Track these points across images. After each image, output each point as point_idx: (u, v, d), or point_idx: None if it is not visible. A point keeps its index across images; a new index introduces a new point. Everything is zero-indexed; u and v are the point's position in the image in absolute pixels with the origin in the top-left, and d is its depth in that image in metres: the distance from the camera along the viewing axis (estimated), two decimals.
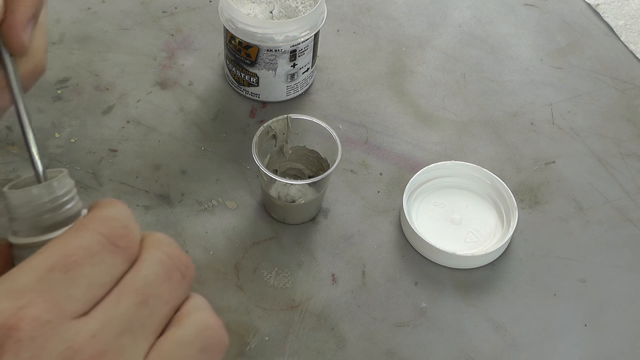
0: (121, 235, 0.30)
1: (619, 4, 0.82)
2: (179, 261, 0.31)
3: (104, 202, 0.32)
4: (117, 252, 0.30)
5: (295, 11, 0.65)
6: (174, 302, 0.30)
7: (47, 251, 0.29)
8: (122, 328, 0.28)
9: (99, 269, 0.29)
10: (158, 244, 0.31)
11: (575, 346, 0.55)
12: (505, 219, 0.61)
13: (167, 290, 0.29)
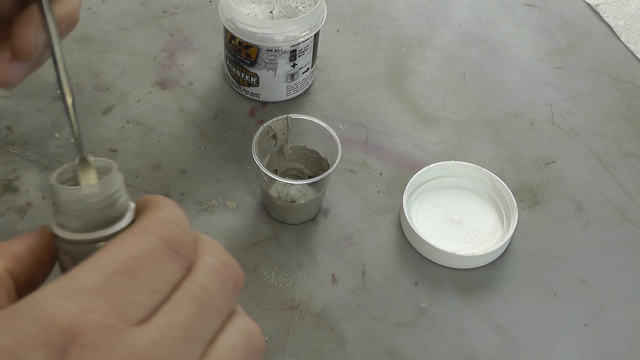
0: (180, 241, 0.30)
1: (619, 4, 0.82)
2: (232, 270, 0.31)
3: (158, 202, 0.32)
4: (176, 258, 0.30)
5: (295, 11, 0.65)
6: (227, 312, 0.30)
7: (110, 253, 0.28)
8: (181, 336, 0.28)
9: (160, 275, 0.29)
10: (212, 250, 0.31)
11: (575, 346, 0.55)
12: (505, 219, 0.61)
13: (222, 299, 0.30)
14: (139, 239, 0.29)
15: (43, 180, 0.61)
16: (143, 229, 0.29)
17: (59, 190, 0.32)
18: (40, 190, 0.60)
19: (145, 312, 0.28)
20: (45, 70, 0.72)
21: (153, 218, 0.30)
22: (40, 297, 0.26)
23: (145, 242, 0.29)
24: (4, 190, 0.60)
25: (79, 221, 0.32)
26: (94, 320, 0.26)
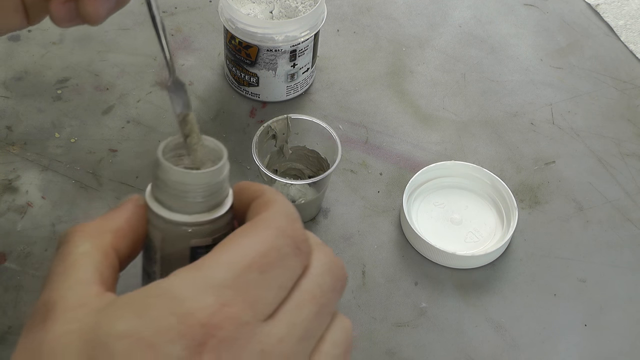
0: (303, 240, 0.30)
1: (619, 4, 0.82)
2: (341, 271, 0.31)
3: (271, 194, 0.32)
4: (300, 256, 0.30)
5: (295, 11, 0.65)
6: (334, 311, 0.31)
7: (242, 247, 0.28)
8: (302, 335, 0.28)
9: (286, 272, 0.29)
10: (323, 249, 0.31)
11: (575, 346, 0.55)
12: (505, 219, 0.61)
13: (333, 299, 0.30)
14: (268, 235, 0.29)
15: (43, 180, 0.61)
16: (270, 225, 0.29)
17: (167, 169, 0.31)
18: (40, 190, 0.60)
19: (272, 308, 0.28)
20: (46, 70, 0.72)
21: (276, 213, 0.30)
22: (175, 287, 0.26)
23: (274, 238, 0.29)
24: (4, 190, 0.60)
25: (180, 202, 0.31)
26: (232, 315, 0.26)
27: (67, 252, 0.29)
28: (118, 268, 0.31)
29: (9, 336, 0.52)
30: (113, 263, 0.30)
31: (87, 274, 0.29)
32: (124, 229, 0.31)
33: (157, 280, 0.27)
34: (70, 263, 0.29)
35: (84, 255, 0.29)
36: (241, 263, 0.28)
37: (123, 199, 0.33)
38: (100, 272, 0.29)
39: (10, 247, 0.56)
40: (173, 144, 0.34)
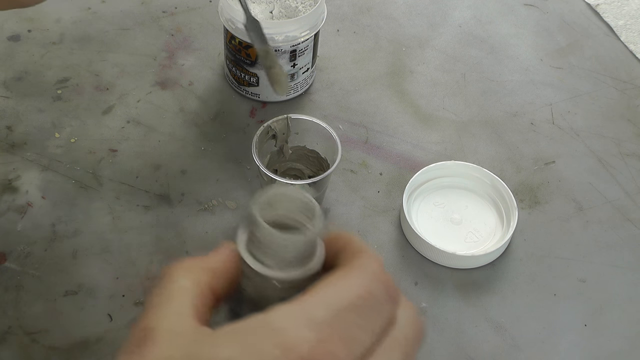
0: (394, 287, 0.32)
1: (619, 4, 0.82)
2: (422, 325, 0.33)
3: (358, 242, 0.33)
4: (391, 303, 0.31)
5: (295, 11, 0.65)
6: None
7: (340, 289, 0.30)
8: None
9: (379, 317, 0.31)
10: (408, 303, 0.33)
11: (575, 346, 0.55)
12: (505, 219, 0.61)
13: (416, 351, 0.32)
14: (365, 280, 0.30)
15: (43, 180, 0.61)
16: (366, 270, 0.31)
17: (265, 231, 0.32)
18: (40, 190, 0.60)
19: (364, 350, 0.29)
20: (46, 70, 0.72)
21: (370, 259, 0.32)
22: (276, 320, 0.28)
23: (370, 282, 0.30)
24: (4, 190, 0.60)
25: (274, 260, 0.33)
26: (330, 351, 0.27)
27: (166, 285, 0.31)
28: (212, 305, 0.33)
29: (9, 336, 0.52)
30: (208, 300, 0.32)
31: (183, 307, 0.31)
32: (220, 270, 0.33)
33: (256, 314, 0.29)
34: (168, 295, 0.31)
35: (182, 290, 0.31)
36: (340, 303, 0.29)
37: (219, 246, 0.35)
38: (196, 306, 0.31)
39: (10, 247, 0.56)
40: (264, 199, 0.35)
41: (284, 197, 0.35)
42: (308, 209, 0.35)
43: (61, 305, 0.54)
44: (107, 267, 0.56)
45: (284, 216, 0.36)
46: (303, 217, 0.35)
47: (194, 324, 0.30)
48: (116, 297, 0.54)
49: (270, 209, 0.35)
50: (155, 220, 0.59)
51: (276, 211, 0.36)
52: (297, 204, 0.35)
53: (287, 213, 0.36)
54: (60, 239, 0.57)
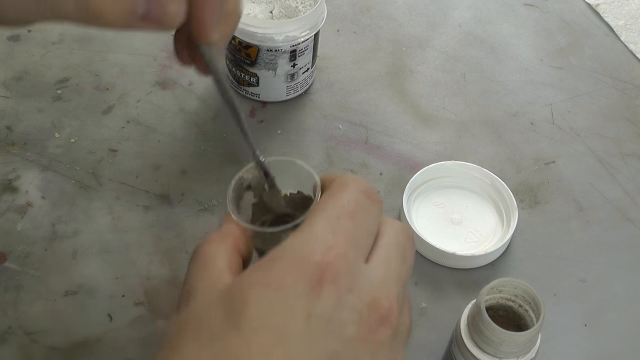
0: (373, 191, 0.36)
1: (619, 3, 0.82)
2: (410, 232, 0.38)
3: (340, 175, 0.37)
4: (375, 204, 0.35)
5: (295, 11, 0.65)
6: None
7: (328, 204, 0.34)
8: (397, 278, 0.34)
9: (370, 217, 0.35)
10: (392, 220, 0.37)
11: (575, 346, 0.55)
12: (505, 219, 0.61)
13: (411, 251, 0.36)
14: (345, 192, 0.35)
15: (43, 180, 0.61)
16: (344, 186, 0.35)
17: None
18: (40, 190, 0.60)
19: (367, 250, 0.34)
20: (46, 70, 0.72)
21: (345, 178, 0.36)
22: (289, 244, 0.32)
23: (350, 193, 0.35)
24: (4, 190, 0.60)
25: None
26: (340, 253, 0.32)
27: (199, 258, 0.35)
28: (241, 265, 0.36)
29: (9, 336, 0.52)
30: (237, 259, 0.36)
31: (218, 267, 0.34)
32: (237, 233, 0.37)
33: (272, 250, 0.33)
34: (204, 262, 0.35)
35: (213, 255, 0.35)
36: (333, 214, 0.33)
37: (221, 219, 0.41)
38: (229, 265, 0.35)
39: (10, 247, 0.56)
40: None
41: None
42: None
43: (61, 305, 0.54)
44: (107, 267, 0.56)
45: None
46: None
47: (230, 277, 0.34)
48: (116, 297, 0.54)
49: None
50: (155, 220, 0.59)
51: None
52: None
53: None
54: (60, 239, 0.57)
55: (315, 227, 0.32)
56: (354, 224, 0.33)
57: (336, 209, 0.34)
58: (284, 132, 0.67)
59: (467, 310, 0.47)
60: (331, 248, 0.31)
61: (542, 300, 0.44)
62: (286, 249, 0.32)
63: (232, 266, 0.35)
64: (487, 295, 0.44)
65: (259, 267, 0.32)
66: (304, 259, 0.31)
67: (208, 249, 0.36)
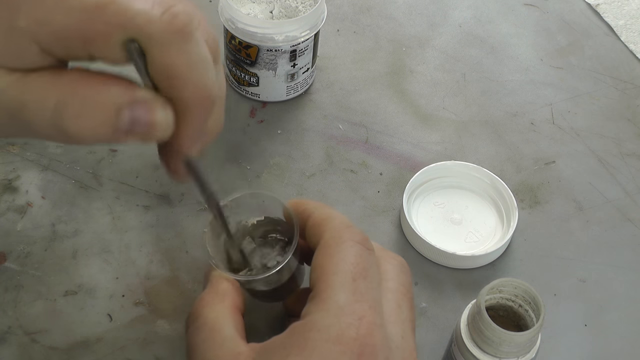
0: (367, 239, 0.36)
1: (619, 3, 0.82)
2: (408, 268, 0.40)
3: (323, 213, 0.38)
4: (372, 253, 0.36)
5: (295, 11, 0.65)
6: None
7: (337, 268, 0.34)
8: (412, 327, 0.35)
9: (375, 269, 0.35)
10: (388, 253, 0.39)
11: (575, 346, 0.55)
12: (505, 219, 0.61)
13: (412, 294, 0.38)
14: (346, 249, 0.35)
15: (43, 180, 0.61)
16: (340, 239, 0.35)
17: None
18: (40, 190, 0.60)
19: (380, 303, 0.34)
20: None
21: (337, 227, 0.36)
22: (319, 322, 0.32)
23: (351, 248, 0.35)
24: (4, 190, 0.60)
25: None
26: (370, 322, 0.32)
27: (202, 324, 0.35)
28: (242, 321, 0.37)
29: (9, 336, 0.52)
30: (239, 318, 0.37)
31: (229, 332, 0.34)
32: (230, 291, 0.38)
33: (294, 323, 0.33)
34: (210, 329, 0.35)
35: (219, 319, 0.35)
36: (348, 279, 0.33)
37: (207, 276, 0.41)
38: (236, 327, 0.35)
39: (10, 247, 0.56)
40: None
41: None
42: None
43: (61, 305, 0.54)
44: (107, 267, 0.56)
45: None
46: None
47: (244, 343, 0.34)
48: (116, 297, 0.54)
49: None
50: (155, 220, 0.59)
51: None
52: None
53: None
54: (60, 238, 0.57)
55: (338, 299, 0.32)
56: (368, 284, 0.34)
57: (347, 272, 0.33)
58: (284, 132, 0.67)
59: (467, 310, 0.47)
60: (361, 318, 0.32)
61: (542, 300, 0.43)
62: (319, 328, 0.32)
63: (239, 329, 0.35)
64: (487, 295, 0.44)
65: (287, 345, 0.31)
66: (341, 337, 0.31)
67: (209, 313, 0.35)
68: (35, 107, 0.29)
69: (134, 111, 0.30)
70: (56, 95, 0.29)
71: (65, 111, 0.29)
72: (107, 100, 0.30)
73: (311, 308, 0.33)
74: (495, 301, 0.46)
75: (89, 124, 0.29)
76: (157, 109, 0.31)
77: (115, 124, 0.30)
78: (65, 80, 0.30)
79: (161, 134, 0.32)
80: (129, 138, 0.31)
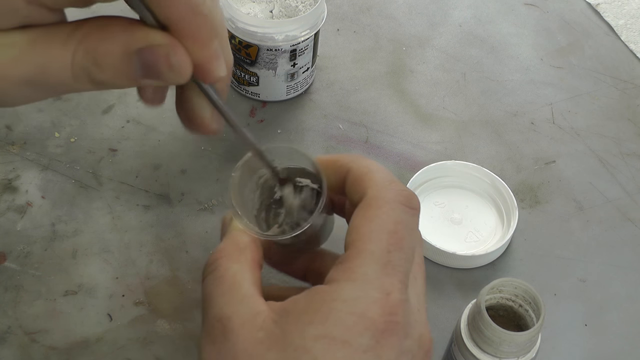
0: (411, 197, 0.35)
1: (619, 3, 0.82)
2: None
3: (363, 167, 0.37)
4: (415, 213, 0.35)
5: (295, 10, 0.65)
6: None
7: (375, 235, 0.33)
8: (424, 302, 0.35)
9: (414, 235, 0.34)
10: None
11: (575, 346, 0.55)
12: (505, 219, 0.61)
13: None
14: (388, 212, 0.33)
15: (43, 179, 0.61)
16: (384, 202, 0.34)
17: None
18: (40, 189, 0.60)
19: (408, 277, 0.33)
20: None
21: (380, 184, 0.35)
22: (343, 292, 0.31)
23: (394, 212, 0.33)
24: (4, 190, 0.60)
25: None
26: (396, 298, 0.31)
27: (221, 276, 0.34)
28: (260, 275, 0.36)
29: (9, 336, 0.52)
30: (258, 273, 0.35)
31: (249, 289, 0.33)
32: (250, 244, 0.36)
33: (318, 287, 0.32)
34: (230, 283, 0.33)
35: (237, 274, 0.34)
36: (382, 250, 0.32)
37: (224, 221, 0.39)
38: (255, 284, 0.34)
39: (10, 247, 0.56)
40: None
41: None
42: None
43: (61, 305, 0.54)
44: (107, 267, 0.56)
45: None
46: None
47: (263, 302, 0.33)
48: (116, 297, 0.54)
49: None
50: (155, 220, 0.59)
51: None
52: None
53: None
54: (60, 238, 0.57)
55: (368, 271, 0.32)
56: (403, 255, 0.33)
57: (382, 242, 0.32)
58: (284, 131, 0.67)
59: (467, 310, 0.47)
60: (389, 294, 0.31)
61: (542, 300, 0.43)
62: (344, 299, 0.31)
63: (257, 285, 0.34)
64: (487, 295, 0.44)
65: (312, 312, 0.31)
66: (366, 312, 0.31)
67: (230, 266, 0.34)
68: (55, 69, 0.30)
69: (143, 57, 0.30)
70: (71, 53, 0.30)
71: (83, 67, 0.30)
72: (115, 50, 0.30)
73: (338, 275, 0.32)
74: (495, 301, 0.46)
75: (107, 76, 0.30)
76: (166, 51, 0.31)
77: (128, 72, 0.31)
78: (78, 35, 0.31)
79: (178, 74, 0.31)
80: (150, 82, 0.32)
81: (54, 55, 0.30)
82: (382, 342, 0.31)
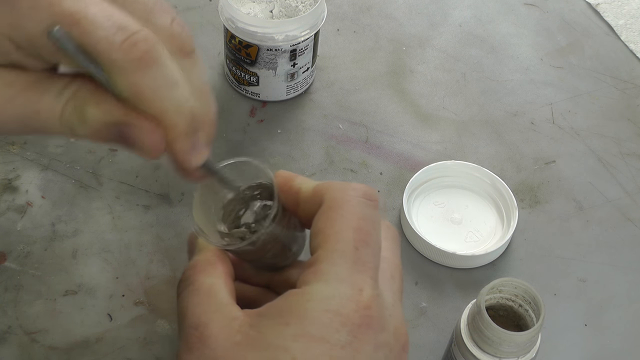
0: (368, 189, 0.36)
1: (619, 3, 0.82)
2: (396, 232, 0.39)
3: (318, 182, 0.37)
4: (376, 205, 0.35)
5: (295, 10, 0.65)
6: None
7: (338, 234, 0.33)
8: (400, 297, 0.36)
9: (378, 227, 0.35)
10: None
11: (575, 346, 0.55)
12: (505, 219, 0.61)
13: (399, 250, 0.38)
14: (349, 208, 0.34)
15: (43, 179, 0.61)
16: (342, 202, 0.34)
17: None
18: (40, 189, 0.60)
19: (378, 270, 0.34)
20: None
21: (336, 188, 0.35)
22: (316, 291, 0.32)
23: (353, 209, 0.34)
24: (4, 190, 0.60)
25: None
26: (369, 294, 0.32)
27: (196, 289, 0.35)
28: (234, 287, 0.37)
29: (9, 336, 0.52)
30: (231, 284, 0.36)
31: (224, 297, 0.34)
32: (221, 258, 0.37)
33: (291, 290, 0.33)
34: (206, 294, 0.35)
35: (213, 285, 0.35)
36: (350, 247, 0.33)
37: (192, 244, 0.40)
38: (230, 293, 0.35)
39: (10, 247, 0.56)
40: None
41: None
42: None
43: (61, 305, 0.54)
44: (107, 267, 0.56)
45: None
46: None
47: (239, 309, 0.34)
48: (116, 297, 0.54)
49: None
50: (155, 220, 0.59)
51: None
52: None
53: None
54: (60, 238, 0.57)
55: (338, 270, 0.32)
56: (370, 250, 0.33)
57: (349, 240, 0.33)
58: (284, 131, 0.67)
59: (467, 310, 0.47)
60: (362, 290, 0.32)
61: (542, 300, 0.43)
62: (319, 299, 0.32)
63: (232, 295, 0.35)
64: (487, 295, 0.44)
65: (287, 313, 0.32)
66: (341, 309, 0.31)
67: (205, 279, 0.35)
68: (46, 116, 0.33)
69: (122, 131, 0.32)
70: (62, 107, 0.32)
71: (69, 121, 0.33)
72: (99, 116, 0.32)
73: (309, 277, 0.33)
74: (495, 301, 0.46)
75: (86, 133, 0.33)
76: (142, 133, 0.32)
77: (106, 137, 0.33)
78: (69, 93, 0.32)
79: (149, 155, 0.33)
80: (125, 148, 0.33)
81: (47, 104, 0.32)
82: (359, 336, 0.31)
